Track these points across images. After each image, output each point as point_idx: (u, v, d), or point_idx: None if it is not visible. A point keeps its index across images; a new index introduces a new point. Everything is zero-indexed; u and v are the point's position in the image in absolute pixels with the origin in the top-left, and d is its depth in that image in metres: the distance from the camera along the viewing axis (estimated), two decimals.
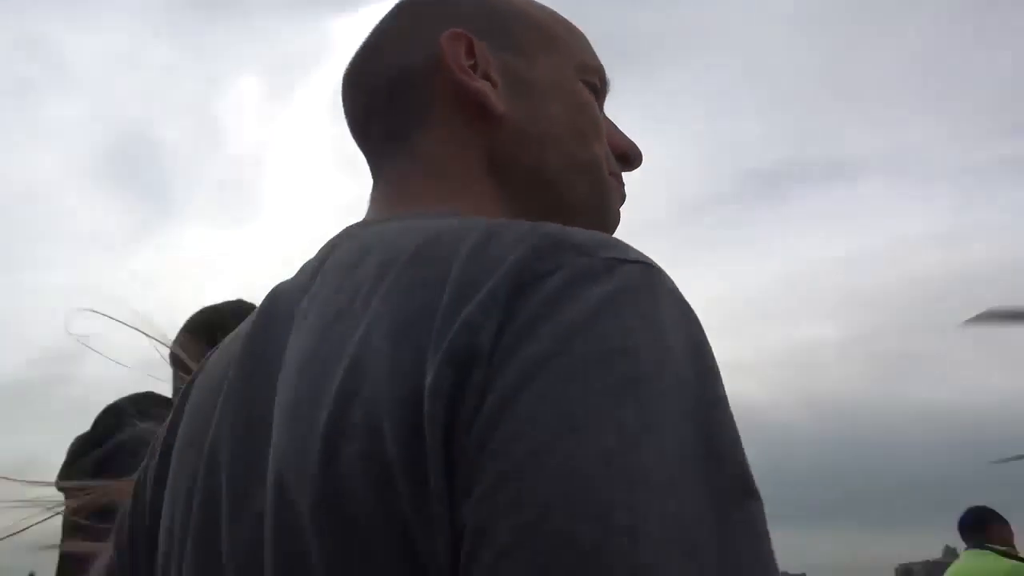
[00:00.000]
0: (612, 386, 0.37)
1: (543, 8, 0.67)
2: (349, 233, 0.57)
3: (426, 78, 0.61)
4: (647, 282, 0.41)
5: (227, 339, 0.62)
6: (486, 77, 0.60)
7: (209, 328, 1.43)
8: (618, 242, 0.43)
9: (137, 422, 1.44)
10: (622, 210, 0.67)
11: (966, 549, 4.16)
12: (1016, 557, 3.97)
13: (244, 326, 0.59)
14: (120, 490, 0.68)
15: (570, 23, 0.68)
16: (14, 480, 0.68)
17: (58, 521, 0.76)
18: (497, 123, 0.60)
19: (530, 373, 0.37)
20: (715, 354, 0.41)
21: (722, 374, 0.41)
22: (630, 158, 0.68)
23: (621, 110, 0.70)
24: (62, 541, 0.84)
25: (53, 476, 1.35)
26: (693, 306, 0.42)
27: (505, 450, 0.36)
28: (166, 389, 1.64)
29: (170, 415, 0.62)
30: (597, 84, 0.66)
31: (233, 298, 1.67)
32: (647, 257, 0.42)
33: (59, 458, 1.51)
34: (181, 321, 1.60)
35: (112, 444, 1.39)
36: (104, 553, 0.68)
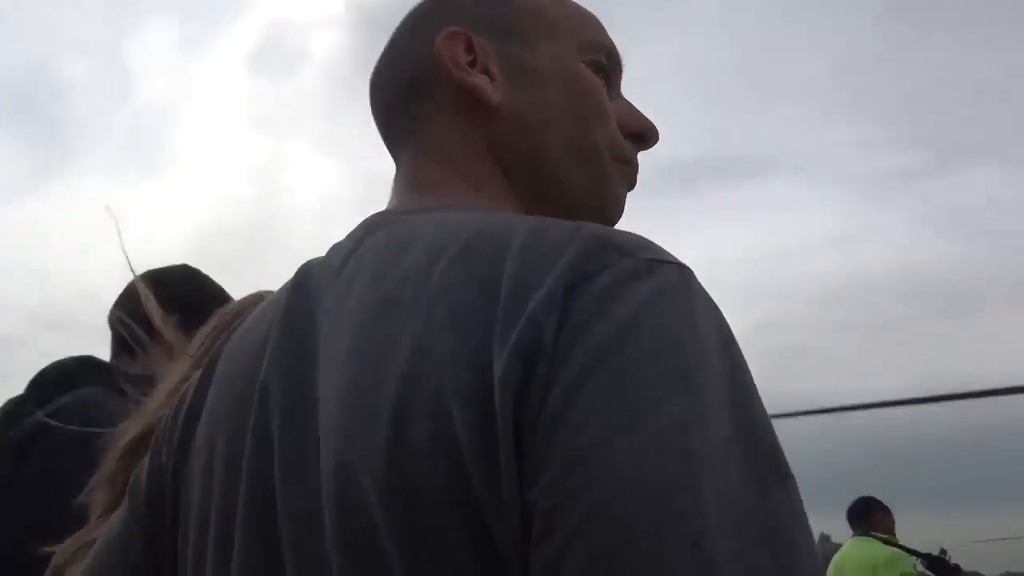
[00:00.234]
0: (662, 379, 0.40)
1: None
2: (381, 220, 0.60)
3: (430, 77, 0.65)
4: (683, 282, 0.45)
5: (256, 310, 0.64)
6: (485, 70, 0.63)
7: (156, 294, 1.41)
8: (651, 243, 0.47)
9: (80, 386, 1.40)
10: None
11: (852, 536, 4.44)
12: (897, 544, 4.27)
13: (278, 298, 0.60)
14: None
15: (574, 5, 0.69)
16: None
17: None
18: (495, 113, 0.63)
19: (589, 367, 0.41)
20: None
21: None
22: (645, 137, 0.69)
23: None
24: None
25: None
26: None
27: (571, 440, 0.40)
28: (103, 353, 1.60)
29: (196, 381, 0.64)
30: (603, 61, 0.67)
31: (176, 263, 1.64)
32: (677, 258, 0.46)
33: None
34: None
35: (54, 407, 1.35)
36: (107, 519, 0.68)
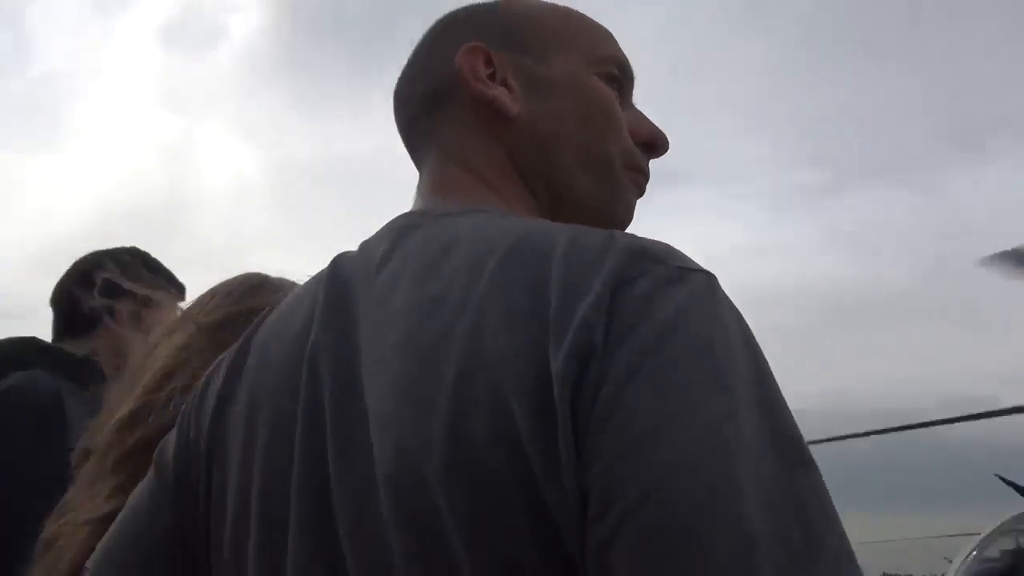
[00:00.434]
0: (700, 377, 0.45)
1: (558, 9, 0.72)
2: (415, 222, 0.63)
3: (451, 90, 0.68)
4: (711, 288, 0.49)
5: (289, 299, 0.67)
6: (504, 83, 0.67)
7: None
8: (678, 251, 0.52)
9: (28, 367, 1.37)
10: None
11: None
12: None
13: (314, 290, 0.63)
14: None
15: (586, 19, 0.72)
16: None
17: None
18: (512, 123, 0.67)
19: (635, 366, 0.45)
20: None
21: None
22: (656, 146, 0.72)
23: None
24: None
25: None
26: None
27: (621, 433, 0.44)
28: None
29: (227, 363, 0.66)
30: (615, 73, 0.70)
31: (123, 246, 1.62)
32: (701, 265, 0.51)
33: None
34: None
35: (2, 387, 1.32)
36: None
